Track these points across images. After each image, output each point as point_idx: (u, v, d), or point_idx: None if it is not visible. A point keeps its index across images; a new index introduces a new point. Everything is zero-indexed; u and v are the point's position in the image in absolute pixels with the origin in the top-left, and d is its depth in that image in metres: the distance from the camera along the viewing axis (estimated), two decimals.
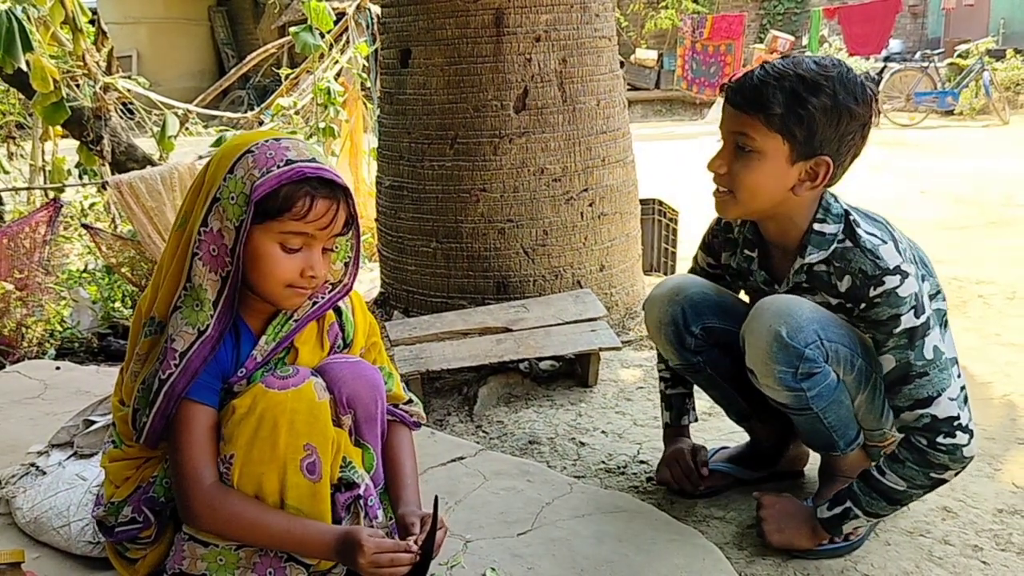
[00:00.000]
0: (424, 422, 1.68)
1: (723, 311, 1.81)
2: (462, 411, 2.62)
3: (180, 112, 4.98)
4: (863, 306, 1.57)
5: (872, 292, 1.55)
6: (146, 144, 4.77)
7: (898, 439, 1.62)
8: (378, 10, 4.48)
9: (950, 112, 11.59)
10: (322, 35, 5.06)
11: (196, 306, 1.34)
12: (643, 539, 1.73)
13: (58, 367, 2.87)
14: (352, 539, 1.30)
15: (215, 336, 1.35)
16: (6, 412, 2.45)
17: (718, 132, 1.68)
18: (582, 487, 1.97)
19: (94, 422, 1.88)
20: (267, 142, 1.36)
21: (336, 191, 1.36)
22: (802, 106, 1.52)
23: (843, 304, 1.61)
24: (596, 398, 2.64)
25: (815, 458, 1.94)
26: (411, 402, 1.62)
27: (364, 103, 5.41)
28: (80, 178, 4.46)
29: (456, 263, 3.08)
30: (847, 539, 1.70)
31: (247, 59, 6.97)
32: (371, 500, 1.46)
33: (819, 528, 1.68)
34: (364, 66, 5.39)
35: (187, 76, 16.64)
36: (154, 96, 4.73)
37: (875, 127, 1.60)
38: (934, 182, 6.75)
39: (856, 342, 1.63)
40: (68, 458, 1.84)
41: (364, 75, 5.41)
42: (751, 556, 1.72)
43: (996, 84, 11.33)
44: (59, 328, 3.58)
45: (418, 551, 1.32)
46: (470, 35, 2.94)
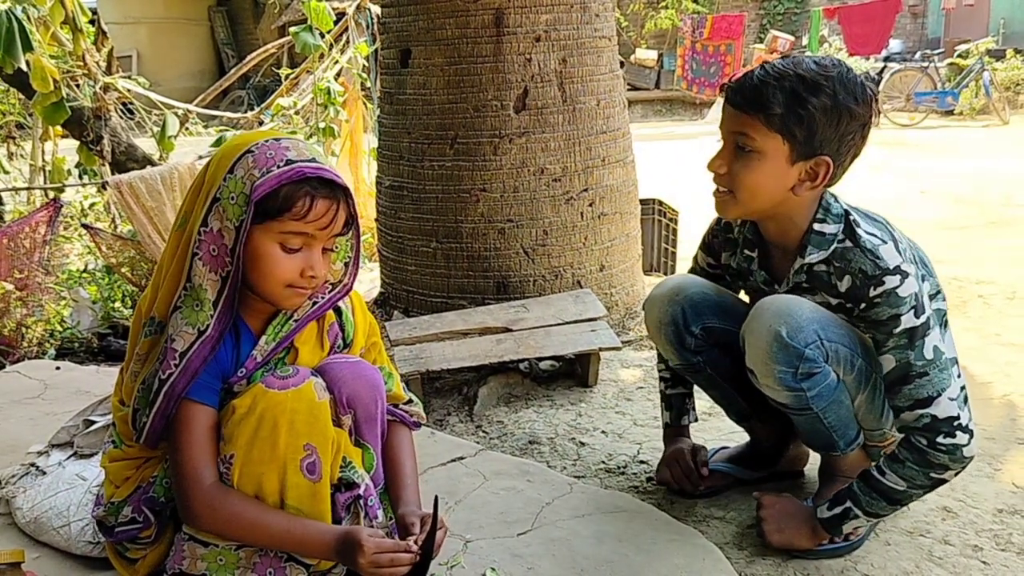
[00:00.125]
0: (424, 422, 1.68)
1: (723, 311, 1.81)
2: (462, 411, 2.62)
3: (180, 112, 4.98)
4: (863, 306, 1.57)
5: (872, 292, 1.55)
6: (146, 144, 4.77)
7: (898, 439, 1.62)
8: (378, 10, 4.48)
9: (950, 112, 11.59)
10: (322, 35, 5.06)
11: (196, 306, 1.34)
12: (643, 539, 1.72)
13: (58, 367, 2.87)
14: (352, 539, 1.30)
15: (215, 336, 1.35)
16: (6, 412, 2.45)
17: (718, 132, 1.68)
18: (582, 487, 1.97)
19: (94, 422, 1.88)
20: (267, 142, 1.36)
21: (336, 191, 1.36)
22: (802, 106, 1.52)
23: (843, 304, 1.61)
24: (596, 398, 2.64)
25: (815, 458, 1.94)
26: (411, 402, 1.62)
27: (364, 103, 5.41)
28: (80, 178, 4.46)
29: (456, 263, 3.08)
30: (847, 539, 1.70)
31: (247, 59, 6.97)
32: (371, 500, 1.46)
33: (819, 528, 1.68)
34: (364, 66, 5.39)
35: (187, 76, 16.65)
36: (154, 96, 4.73)
37: (875, 127, 1.60)
38: (934, 182, 6.75)
39: (856, 342, 1.63)
40: (68, 458, 1.84)
41: (364, 75, 5.41)
42: (751, 556, 1.72)
43: (996, 84, 11.33)
44: (59, 328, 3.58)
45: (418, 551, 1.32)
46: (470, 35, 2.94)
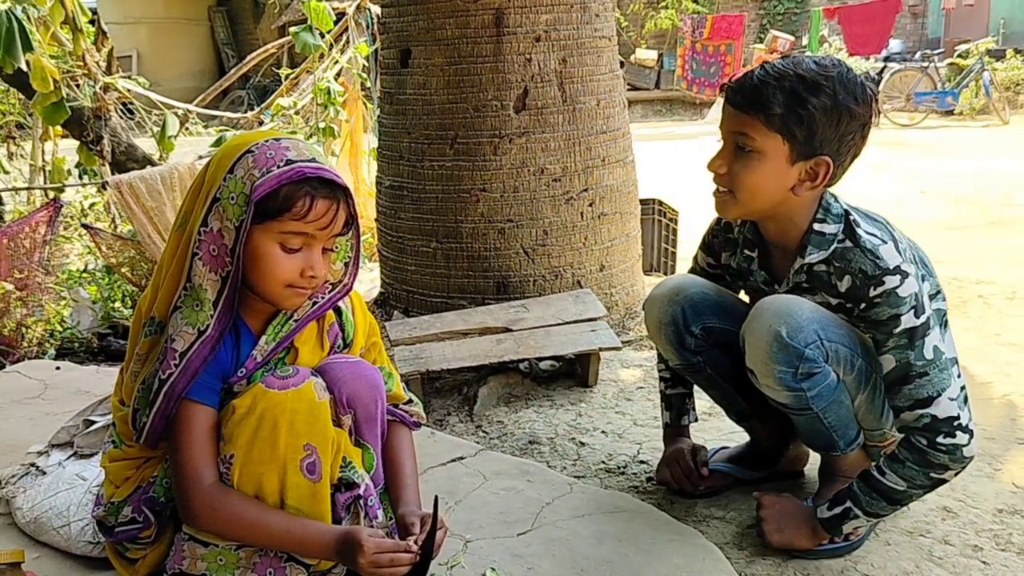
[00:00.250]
0: (424, 422, 1.68)
1: (723, 311, 1.81)
2: (462, 411, 2.62)
3: (180, 112, 4.98)
4: (863, 306, 1.57)
5: (872, 292, 1.55)
6: (146, 144, 4.77)
7: (898, 439, 1.62)
8: (378, 10, 4.48)
9: (950, 112, 11.59)
10: (322, 35, 5.06)
11: (196, 306, 1.34)
12: (643, 539, 1.72)
13: (58, 367, 2.87)
14: (352, 539, 1.30)
15: (215, 336, 1.35)
16: (6, 412, 2.45)
17: (718, 132, 1.68)
18: (582, 487, 1.97)
19: (94, 422, 1.88)
20: (267, 142, 1.36)
21: (336, 191, 1.36)
22: (802, 106, 1.52)
23: (843, 304, 1.61)
24: (596, 398, 2.64)
25: (815, 458, 1.94)
26: (411, 402, 1.62)
27: (364, 103, 5.41)
28: (80, 178, 4.46)
29: (456, 263, 3.08)
30: (847, 539, 1.70)
31: (247, 59, 6.97)
32: (371, 500, 1.46)
33: (819, 528, 1.68)
34: (364, 66, 5.39)
35: (187, 76, 16.65)
36: (154, 96, 4.73)
37: (875, 127, 1.60)
38: (934, 182, 6.75)
39: (856, 342, 1.63)
40: (68, 458, 1.84)
41: (364, 75, 5.41)
42: (751, 556, 1.72)
43: (996, 84, 11.33)
44: (59, 328, 3.58)
45: (418, 551, 1.32)
46: (470, 35, 2.94)
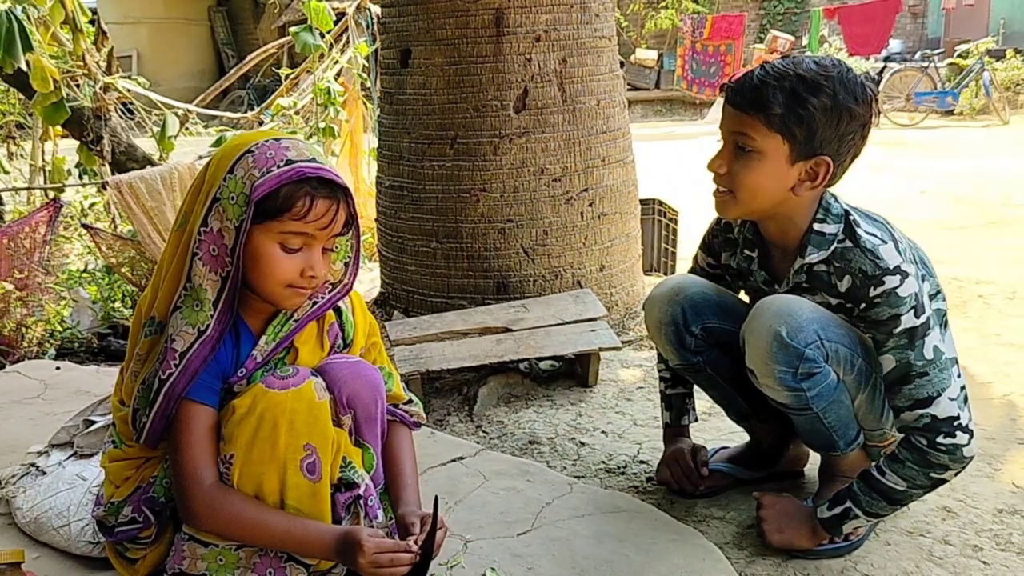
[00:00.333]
0: (424, 422, 1.68)
1: (723, 311, 1.81)
2: (462, 411, 2.62)
3: (180, 112, 4.98)
4: (863, 306, 1.57)
5: (872, 292, 1.55)
6: (146, 144, 4.77)
7: (898, 439, 1.62)
8: (378, 10, 4.48)
9: (950, 112, 11.60)
10: (322, 35, 5.06)
11: (196, 306, 1.34)
12: (643, 539, 1.72)
13: (58, 367, 2.87)
14: (352, 539, 1.30)
15: (215, 336, 1.35)
16: (6, 412, 2.45)
17: (718, 132, 1.68)
18: (582, 487, 1.97)
19: (94, 422, 1.88)
20: (267, 142, 1.36)
21: (336, 191, 1.36)
22: (802, 106, 1.52)
23: (843, 304, 1.62)
24: (596, 398, 2.64)
25: (815, 458, 1.94)
26: (411, 402, 1.62)
27: (364, 103, 5.41)
28: (80, 178, 4.46)
29: (456, 263, 3.08)
30: (847, 539, 1.70)
31: (247, 59, 6.96)
32: (371, 500, 1.46)
33: (819, 528, 1.68)
34: (364, 66, 5.39)
35: (187, 76, 16.64)
36: (154, 96, 4.72)
37: (875, 127, 1.60)
38: (934, 182, 6.75)
39: (856, 342, 1.63)
40: (68, 458, 1.84)
41: (364, 75, 5.41)
42: (751, 556, 1.72)
43: (996, 84, 11.33)
44: (59, 328, 3.58)
45: (418, 551, 1.32)
46: (470, 35, 2.94)
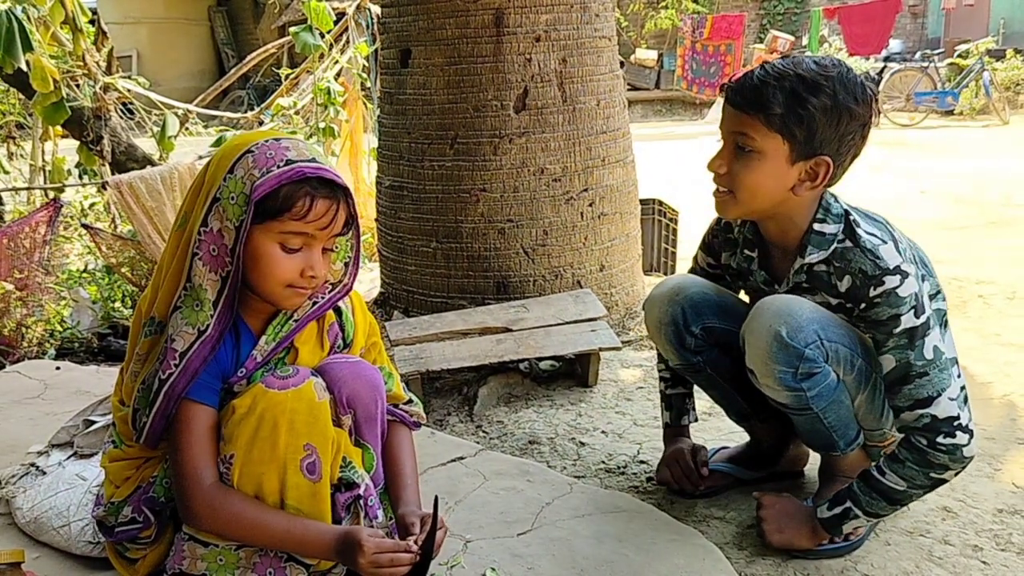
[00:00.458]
0: (424, 422, 1.68)
1: (723, 311, 1.81)
2: (462, 411, 2.62)
3: (180, 112, 4.98)
4: (863, 306, 1.57)
5: (872, 292, 1.55)
6: (146, 144, 4.77)
7: (898, 439, 1.62)
8: (378, 10, 4.48)
9: (950, 112, 11.60)
10: (322, 35, 5.06)
11: (196, 306, 1.34)
12: (643, 539, 1.72)
13: (58, 367, 2.87)
14: (352, 539, 1.30)
15: (215, 336, 1.35)
16: (6, 412, 2.45)
17: (718, 132, 1.68)
18: (582, 487, 1.97)
19: (94, 422, 1.88)
20: (267, 142, 1.36)
21: (336, 191, 1.36)
22: (802, 106, 1.52)
23: (843, 304, 1.61)
24: (596, 398, 2.64)
25: (815, 458, 1.94)
26: (411, 402, 1.62)
27: (364, 103, 5.41)
28: (80, 178, 4.46)
29: (456, 263, 3.08)
30: (847, 539, 1.70)
31: (247, 59, 6.96)
32: (371, 500, 1.46)
33: (819, 528, 1.68)
34: (364, 66, 5.39)
35: (187, 76, 16.64)
36: (154, 96, 4.72)
37: (875, 127, 1.60)
38: (934, 182, 6.75)
39: (856, 342, 1.63)
40: (68, 458, 1.84)
41: (364, 75, 5.41)
42: (751, 556, 1.72)
43: (996, 84, 11.33)
44: (59, 328, 3.58)
45: (418, 551, 1.32)
46: (470, 35, 2.94)
